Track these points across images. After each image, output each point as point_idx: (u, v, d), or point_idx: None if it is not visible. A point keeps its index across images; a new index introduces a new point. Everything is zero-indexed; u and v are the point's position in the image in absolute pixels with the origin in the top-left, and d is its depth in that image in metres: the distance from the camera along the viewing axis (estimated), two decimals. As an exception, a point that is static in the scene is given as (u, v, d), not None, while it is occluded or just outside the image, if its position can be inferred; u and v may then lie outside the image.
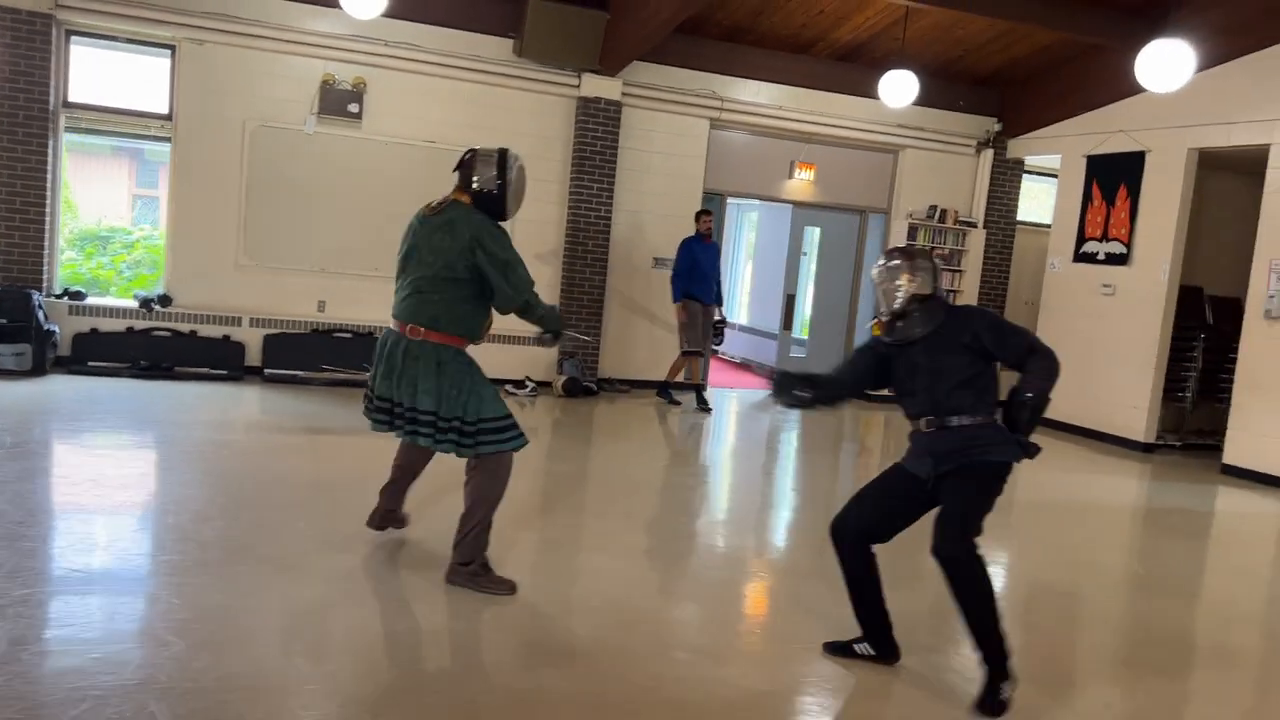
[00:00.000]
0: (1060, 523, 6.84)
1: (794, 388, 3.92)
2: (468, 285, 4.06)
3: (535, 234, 10.04)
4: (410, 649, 3.83)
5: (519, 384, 9.70)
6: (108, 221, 11.17)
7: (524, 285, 4.12)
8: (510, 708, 3.31)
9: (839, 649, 3.94)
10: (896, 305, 3.78)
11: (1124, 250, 9.89)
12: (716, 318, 9.85)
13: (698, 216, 9.79)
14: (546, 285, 10.14)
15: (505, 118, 9.76)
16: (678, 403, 9.85)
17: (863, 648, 3.89)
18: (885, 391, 4.02)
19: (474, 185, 4.09)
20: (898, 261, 3.82)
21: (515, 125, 9.80)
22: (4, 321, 8.01)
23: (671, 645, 3.98)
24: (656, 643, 3.97)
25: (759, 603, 4.80)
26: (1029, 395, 3.60)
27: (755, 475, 8.07)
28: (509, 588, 4.20)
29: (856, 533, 3.79)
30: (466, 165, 4.14)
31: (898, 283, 3.78)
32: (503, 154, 4.14)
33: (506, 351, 9.75)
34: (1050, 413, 3.80)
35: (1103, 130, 10.23)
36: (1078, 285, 10.44)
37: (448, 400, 4.02)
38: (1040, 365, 3.63)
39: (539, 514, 5.71)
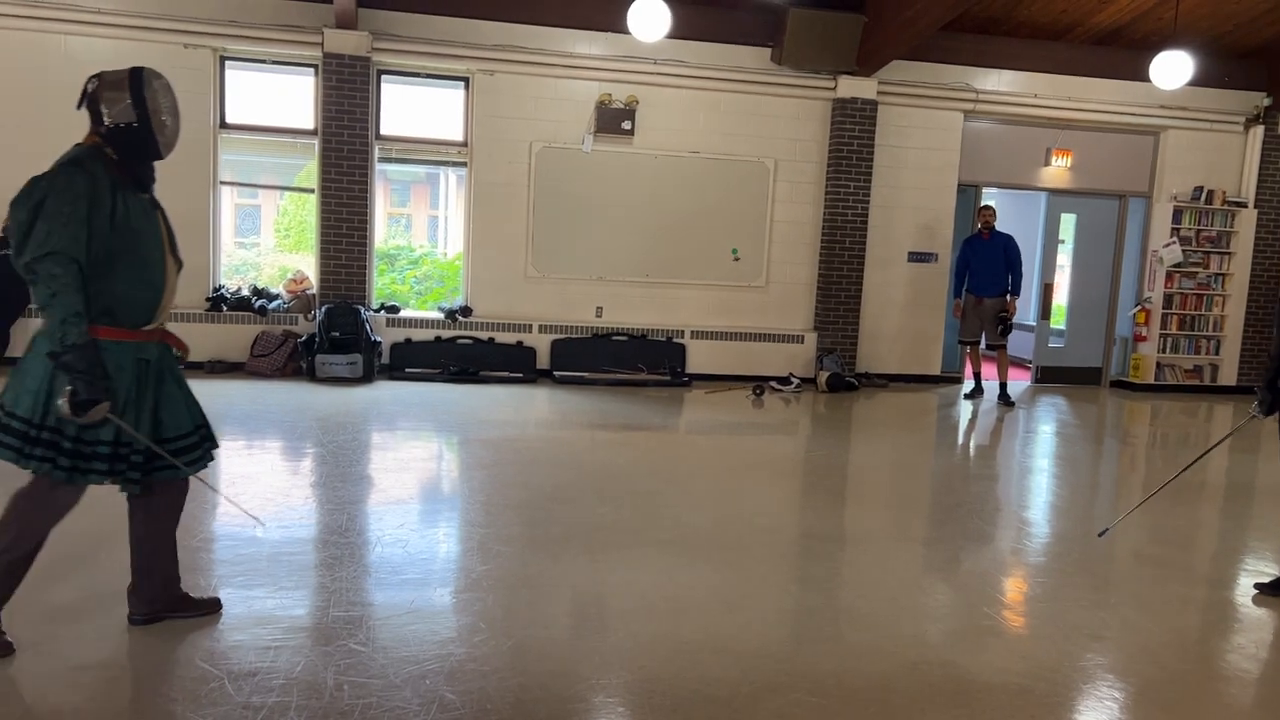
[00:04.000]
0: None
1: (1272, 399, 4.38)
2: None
3: (793, 234, 10.41)
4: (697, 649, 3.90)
5: (784, 380, 10.04)
6: (393, 241, 12.25)
7: (34, 243, 2.98)
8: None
9: (1272, 588, 4.51)
10: None
11: None
12: (1001, 310, 9.82)
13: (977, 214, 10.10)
14: (804, 284, 10.47)
15: (763, 124, 10.17)
16: (1013, 402, 10.01)
17: None
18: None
19: (106, 122, 3.14)
20: None
21: (773, 131, 10.20)
22: (338, 334, 9.01)
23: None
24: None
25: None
26: None
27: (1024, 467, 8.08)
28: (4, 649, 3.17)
29: None
30: (91, 98, 3.17)
31: None
32: (136, 73, 3.17)
33: (773, 350, 10.17)
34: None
35: (1396, 97, 9.64)
36: (1371, 263, 9.87)
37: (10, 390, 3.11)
38: None
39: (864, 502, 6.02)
